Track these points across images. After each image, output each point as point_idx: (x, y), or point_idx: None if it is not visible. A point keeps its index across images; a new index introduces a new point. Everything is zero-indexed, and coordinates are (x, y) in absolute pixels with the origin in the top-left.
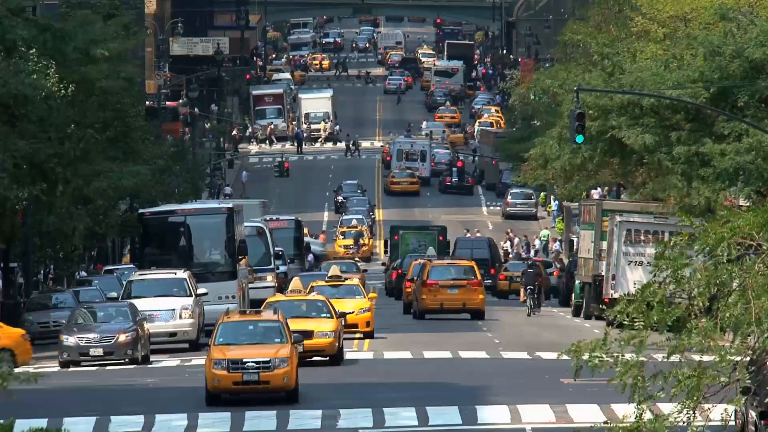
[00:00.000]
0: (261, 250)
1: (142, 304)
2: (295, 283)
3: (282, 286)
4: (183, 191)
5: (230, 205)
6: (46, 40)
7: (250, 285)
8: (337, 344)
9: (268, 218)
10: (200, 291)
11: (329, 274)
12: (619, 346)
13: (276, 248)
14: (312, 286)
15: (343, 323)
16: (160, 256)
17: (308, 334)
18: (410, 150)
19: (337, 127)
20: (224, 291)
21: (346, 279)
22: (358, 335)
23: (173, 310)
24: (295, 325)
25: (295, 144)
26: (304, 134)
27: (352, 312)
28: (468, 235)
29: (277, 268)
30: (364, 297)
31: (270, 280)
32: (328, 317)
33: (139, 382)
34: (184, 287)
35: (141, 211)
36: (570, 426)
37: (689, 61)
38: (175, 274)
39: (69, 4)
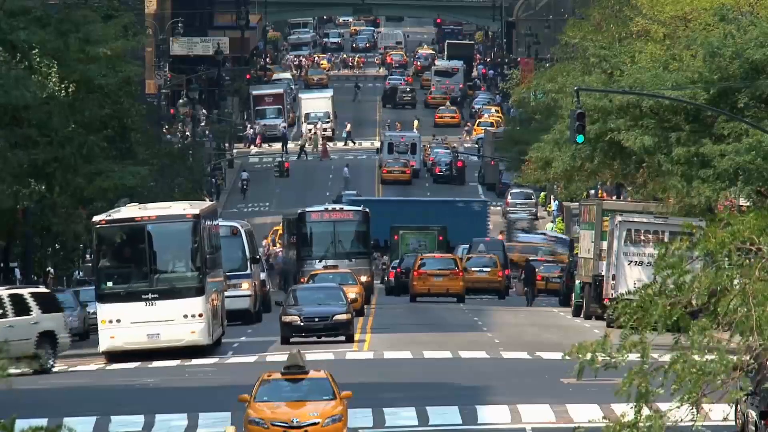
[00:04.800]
0: (236, 253)
1: None
2: None
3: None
4: (183, 191)
5: (197, 212)
6: (47, 40)
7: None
8: None
9: (330, 208)
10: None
11: (287, 363)
12: (621, 348)
13: (254, 252)
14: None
15: None
16: (118, 269)
17: None
18: (400, 143)
19: (330, 125)
20: (190, 309)
21: (310, 369)
22: None
23: None
24: None
25: (287, 144)
26: (290, 134)
27: (317, 423)
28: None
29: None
30: (335, 398)
31: (246, 287)
32: None
33: (139, 382)
34: None
35: (95, 218)
36: (570, 426)
37: (689, 62)
38: None
39: (68, 5)
